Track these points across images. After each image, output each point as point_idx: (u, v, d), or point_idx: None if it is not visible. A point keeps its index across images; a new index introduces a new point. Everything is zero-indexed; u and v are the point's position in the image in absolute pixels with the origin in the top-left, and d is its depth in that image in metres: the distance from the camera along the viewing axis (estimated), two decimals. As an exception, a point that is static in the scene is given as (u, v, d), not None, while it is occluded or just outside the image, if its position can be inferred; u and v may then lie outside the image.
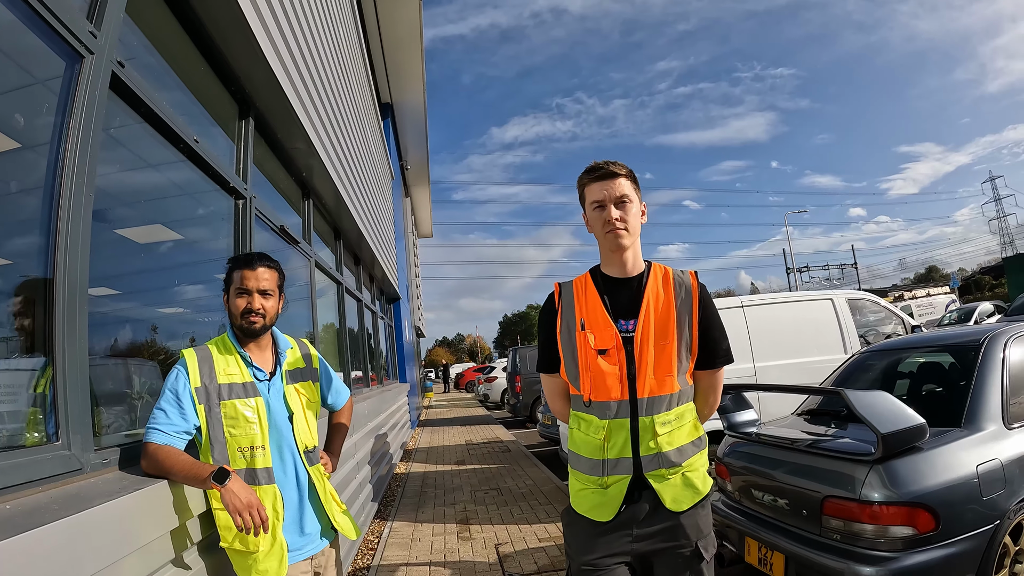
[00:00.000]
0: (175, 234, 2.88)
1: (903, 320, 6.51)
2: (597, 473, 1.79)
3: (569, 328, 1.85)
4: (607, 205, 1.79)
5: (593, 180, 1.83)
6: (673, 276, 1.87)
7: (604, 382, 1.77)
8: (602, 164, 1.82)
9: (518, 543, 4.76)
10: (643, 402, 1.76)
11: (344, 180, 5.72)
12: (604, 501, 1.78)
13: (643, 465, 1.76)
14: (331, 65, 5.38)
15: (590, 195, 1.84)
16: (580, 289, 1.89)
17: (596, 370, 1.78)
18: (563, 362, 1.87)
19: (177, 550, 1.77)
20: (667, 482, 1.77)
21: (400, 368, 13.58)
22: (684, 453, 1.79)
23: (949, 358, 3.61)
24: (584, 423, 1.83)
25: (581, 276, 1.94)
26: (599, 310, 1.82)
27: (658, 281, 1.85)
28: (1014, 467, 2.74)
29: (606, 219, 1.79)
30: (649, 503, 1.78)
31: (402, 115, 13.94)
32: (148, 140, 2.27)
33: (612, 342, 1.78)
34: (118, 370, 2.29)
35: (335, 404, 2.42)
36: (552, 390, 2.00)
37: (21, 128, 1.67)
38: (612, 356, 1.77)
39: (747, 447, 3.50)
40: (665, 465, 1.76)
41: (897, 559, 2.47)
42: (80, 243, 1.66)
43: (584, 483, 1.83)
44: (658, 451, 1.75)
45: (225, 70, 3.11)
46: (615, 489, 1.77)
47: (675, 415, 1.79)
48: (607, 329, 1.79)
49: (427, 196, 21.23)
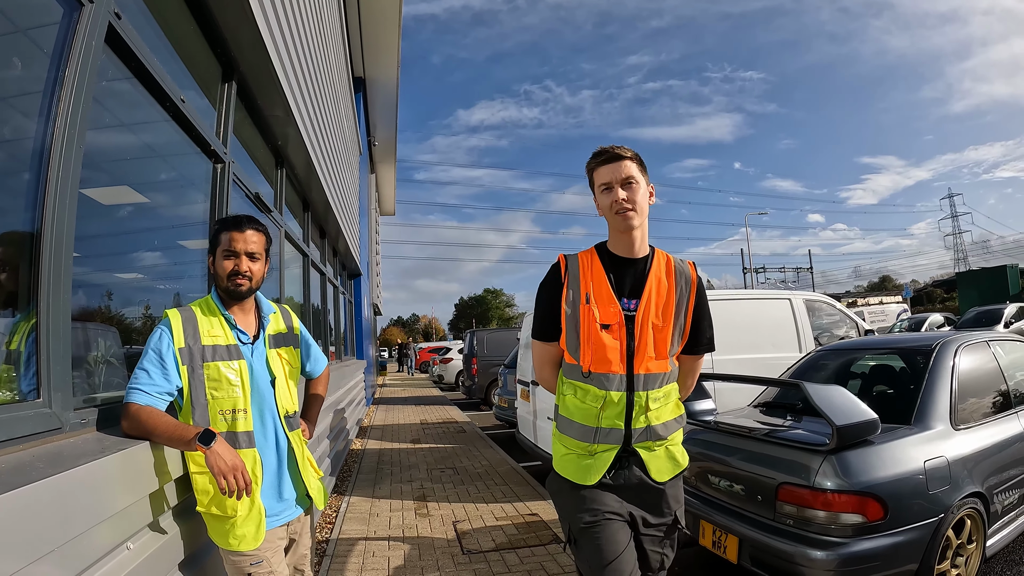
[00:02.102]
0: (149, 195, 2.80)
1: (857, 324, 6.77)
2: (588, 440, 1.88)
3: (574, 301, 1.90)
4: (614, 187, 1.86)
5: (600, 163, 1.89)
6: (675, 264, 1.97)
7: (605, 355, 1.85)
8: (608, 148, 1.89)
9: (476, 521, 4.82)
10: (639, 378, 1.86)
11: (317, 150, 5.62)
12: (590, 465, 1.88)
13: (633, 437, 1.87)
14: (313, 32, 5.27)
15: (598, 178, 1.90)
16: (586, 264, 1.94)
17: (599, 343, 1.85)
18: (564, 332, 1.93)
19: (155, 513, 1.76)
20: (653, 453, 1.91)
21: (358, 344, 13.46)
22: (669, 428, 1.93)
23: (901, 361, 3.80)
24: (581, 391, 1.90)
25: (586, 251, 2.00)
26: (605, 286, 1.89)
27: (661, 266, 1.94)
28: (959, 466, 2.93)
29: (614, 200, 1.85)
30: (633, 473, 1.89)
31: (374, 91, 13.67)
32: (134, 97, 2.21)
33: (616, 319, 1.86)
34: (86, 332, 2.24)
35: (313, 372, 2.41)
36: (544, 358, 2.06)
37: (18, 72, 1.61)
38: (615, 332, 1.86)
39: (704, 434, 3.61)
40: (653, 438, 1.89)
41: (846, 545, 2.61)
42: (69, 196, 1.60)
43: (570, 448, 1.93)
44: (648, 424, 1.88)
45: (213, 30, 3.03)
46: (602, 457, 1.87)
47: (664, 393, 1.92)
48: (612, 305, 1.87)
49: (392, 174, 20.89)
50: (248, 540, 1.82)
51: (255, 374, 1.97)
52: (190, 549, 1.92)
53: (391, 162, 19.42)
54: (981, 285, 25.57)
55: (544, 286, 2.01)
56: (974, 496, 2.96)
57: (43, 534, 1.20)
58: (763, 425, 3.43)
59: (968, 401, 3.31)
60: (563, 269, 1.96)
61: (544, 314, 1.99)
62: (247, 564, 1.84)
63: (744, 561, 2.96)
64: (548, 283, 1.99)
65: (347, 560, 4.03)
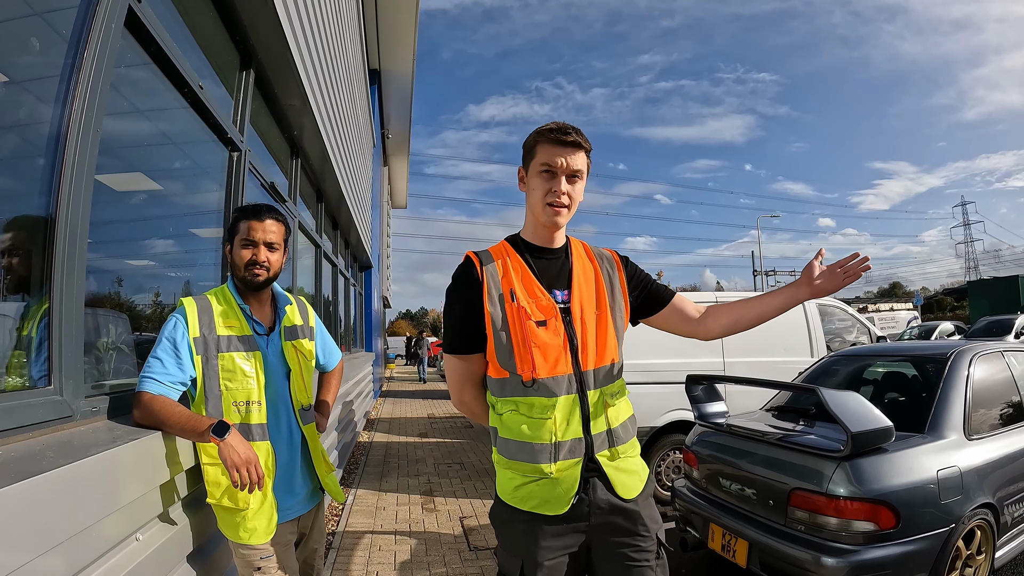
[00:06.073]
0: (163, 183, 2.79)
1: (869, 330, 6.70)
2: (545, 460, 1.57)
3: (498, 299, 1.64)
4: (558, 176, 1.62)
5: (554, 143, 1.61)
6: (592, 248, 1.81)
7: (549, 355, 1.60)
8: (571, 129, 1.62)
9: (482, 517, 4.80)
10: (589, 375, 1.63)
11: (332, 141, 5.61)
12: (555, 492, 1.58)
13: (594, 445, 1.61)
14: (330, 23, 5.26)
15: (543, 155, 1.63)
16: (501, 258, 1.70)
17: (540, 343, 1.59)
18: (491, 339, 1.64)
19: (165, 504, 1.74)
20: (616, 464, 1.63)
21: (367, 337, 13.49)
22: (628, 430, 1.70)
23: (914, 369, 3.76)
24: (525, 406, 1.61)
25: (497, 245, 1.77)
26: (530, 278, 1.66)
27: (581, 252, 1.77)
28: (971, 476, 2.89)
29: (552, 189, 1.62)
30: (598, 496, 1.61)
31: (388, 84, 13.65)
32: (152, 82, 2.19)
33: (551, 312, 1.62)
34: (97, 319, 2.22)
35: (327, 365, 2.40)
36: (463, 376, 1.75)
37: (36, 54, 1.59)
38: (553, 328, 1.62)
39: (716, 437, 3.59)
40: (615, 443, 1.64)
41: (858, 552, 2.58)
42: (84, 182, 1.59)
43: (527, 475, 1.61)
44: (608, 427, 1.64)
45: (232, 17, 3.01)
46: (567, 476, 1.57)
47: (618, 387, 1.71)
48: (543, 299, 1.64)
49: (405, 167, 20.87)
50: (259, 534, 1.80)
51: (270, 366, 1.95)
52: (199, 541, 1.90)
53: (404, 155, 19.40)
54: (992, 294, 25.29)
55: (455, 289, 1.70)
56: (985, 507, 2.93)
57: (51, 525, 1.18)
58: (776, 429, 3.39)
59: (981, 411, 3.27)
60: (479, 267, 1.67)
61: (459, 322, 1.68)
62: (257, 558, 1.82)
63: (753, 566, 2.93)
64: (460, 284, 1.69)
65: (353, 553, 4.02)
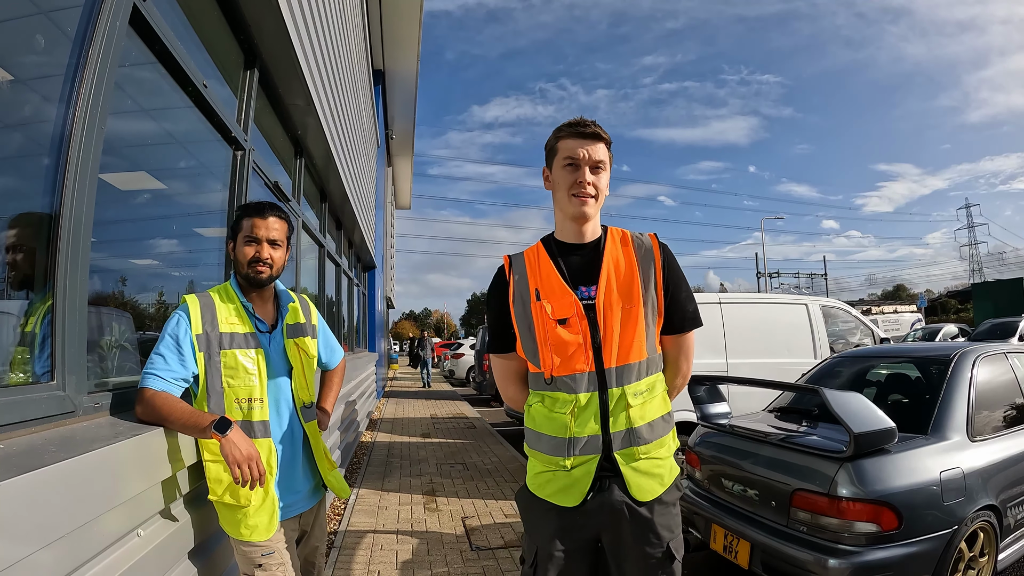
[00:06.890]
0: (167, 182, 2.80)
1: (872, 331, 6.69)
2: (561, 453, 1.63)
3: (523, 300, 1.70)
4: (582, 167, 1.64)
5: (575, 135, 1.66)
6: (632, 237, 1.76)
7: (567, 354, 1.63)
8: (588, 122, 1.66)
9: (484, 517, 4.80)
10: (611, 372, 1.62)
11: (336, 140, 5.63)
12: (570, 484, 1.63)
13: (613, 443, 1.62)
14: (335, 23, 5.28)
15: (565, 150, 1.66)
16: (532, 258, 1.75)
17: (557, 342, 1.63)
18: (519, 338, 1.73)
19: (166, 501, 1.75)
20: (635, 465, 1.62)
21: (370, 337, 13.51)
22: (655, 429, 1.66)
23: (917, 370, 3.75)
24: (549, 399, 1.68)
25: (532, 246, 1.80)
26: (554, 277, 1.68)
27: (616, 243, 1.73)
28: (974, 478, 2.88)
29: (577, 180, 1.64)
30: (614, 495, 1.62)
31: (392, 84, 13.69)
32: (157, 81, 2.20)
33: (572, 310, 1.64)
34: (100, 317, 2.23)
35: (329, 363, 2.40)
36: (505, 373, 1.86)
37: (41, 51, 1.60)
38: (573, 325, 1.63)
39: (719, 437, 3.58)
40: (637, 443, 1.62)
41: (860, 553, 2.57)
42: (88, 180, 1.59)
43: (547, 464, 1.67)
44: (629, 426, 1.62)
45: (237, 17, 3.02)
46: (582, 471, 1.61)
47: (646, 385, 1.67)
48: (565, 296, 1.66)
49: (409, 167, 20.93)
50: (260, 530, 1.81)
51: (272, 363, 1.96)
52: (200, 538, 1.91)
53: (408, 156, 19.46)
54: (996, 297, 25.14)
55: (490, 292, 1.82)
56: (988, 509, 2.92)
57: (53, 520, 1.18)
58: (778, 430, 3.38)
59: (984, 413, 3.26)
60: (508, 269, 1.77)
61: (496, 323, 1.78)
62: (258, 555, 1.82)
63: (755, 567, 2.92)
64: (493, 288, 1.80)
65: (355, 552, 4.03)
